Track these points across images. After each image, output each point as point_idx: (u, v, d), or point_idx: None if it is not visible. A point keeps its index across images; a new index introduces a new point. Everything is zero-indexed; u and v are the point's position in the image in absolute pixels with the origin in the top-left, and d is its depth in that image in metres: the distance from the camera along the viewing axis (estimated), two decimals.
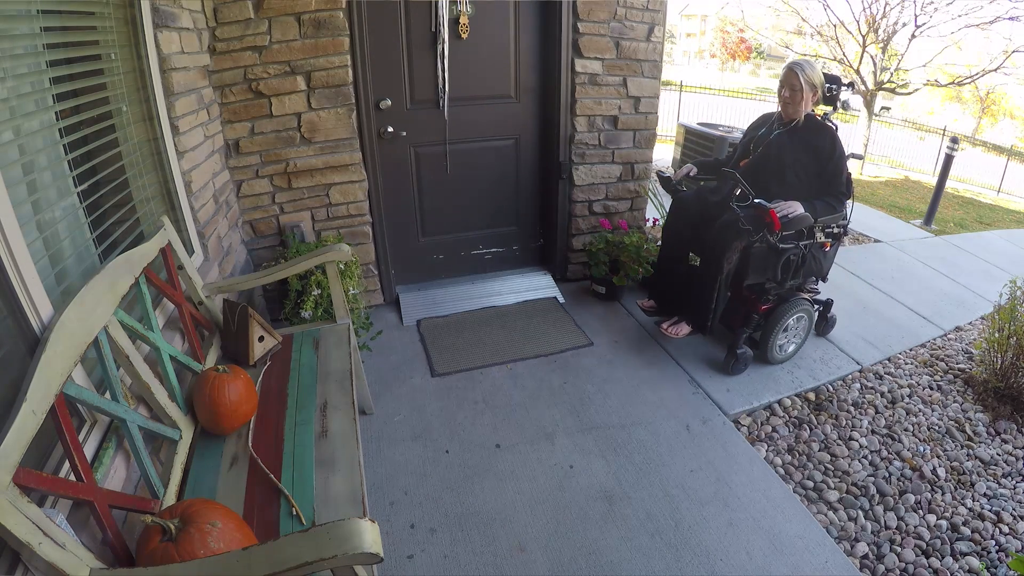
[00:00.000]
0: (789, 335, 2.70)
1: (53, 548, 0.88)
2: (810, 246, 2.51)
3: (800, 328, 2.73)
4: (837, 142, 2.44)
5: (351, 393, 1.63)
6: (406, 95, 2.83)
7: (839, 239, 2.64)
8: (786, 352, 2.73)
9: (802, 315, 2.67)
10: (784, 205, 2.33)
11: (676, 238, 2.72)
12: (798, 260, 2.50)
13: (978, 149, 15.86)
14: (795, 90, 2.43)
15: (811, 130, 2.47)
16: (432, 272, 3.27)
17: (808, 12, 10.29)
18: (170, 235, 1.70)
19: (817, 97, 2.47)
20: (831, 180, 2.47)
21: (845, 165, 2.48)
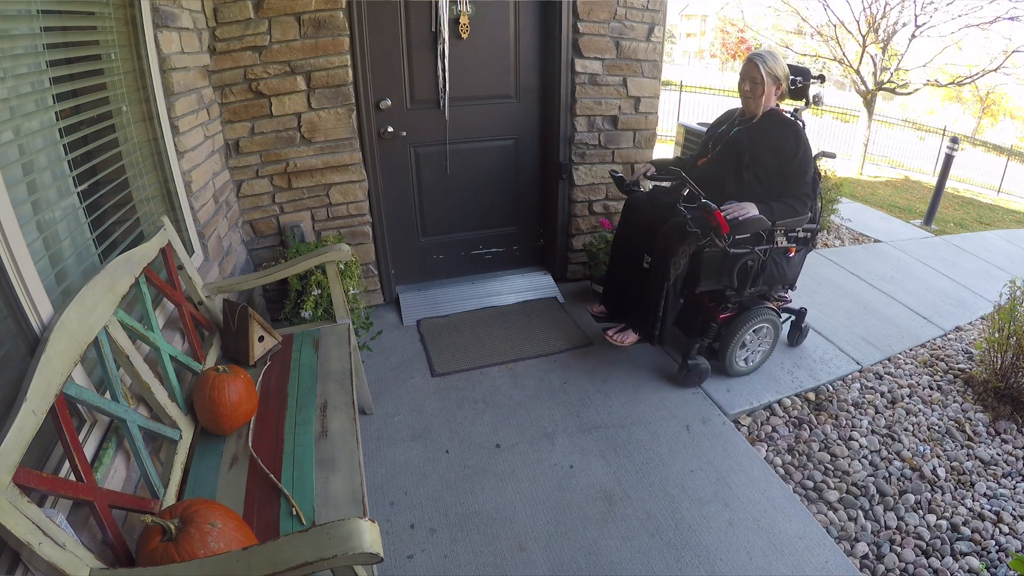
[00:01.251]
0: (752, 346, 2.55)
1: (53, 548, 0.88)
2: (770, 251, 2.34)
3: (764, 339, 2.57)
4: (801, 139, 2.27)
5: (351, 393, 1.63)
6: (406, 95, 2.83)
7: (807, 244, 2.50)
8: (749, 364, 2.59)
9: (766, 325, 2.51)
10: (735, 207, 2.17)
11: (626, 241, 2.59)
12: (757, 266, 2.34)
13: (978, 149, 15.86)
14: (756, 83, 2.28)
15: (773, 126, 2.31)
16: (432, 272, 3.27)
17: (808, 12, 10.29)
18: (170, 235, 1.70)
19: (781, 91, 2.32)
20: (793, 180, 2.29)
21: (810, 164, 2.31)
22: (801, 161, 2.27)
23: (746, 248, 2.28)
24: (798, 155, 2.27)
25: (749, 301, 2.47)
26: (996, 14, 9.02)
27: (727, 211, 2.15)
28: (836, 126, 13.91)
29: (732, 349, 2.47)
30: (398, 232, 3.08)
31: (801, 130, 2.30)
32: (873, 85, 9.55)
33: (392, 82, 2.77)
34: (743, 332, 2.44)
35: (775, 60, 2.28)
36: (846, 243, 4.78)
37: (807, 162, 2.29)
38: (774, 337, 2.59)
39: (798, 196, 2.29)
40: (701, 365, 2.48)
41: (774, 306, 2.54)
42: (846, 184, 6.49)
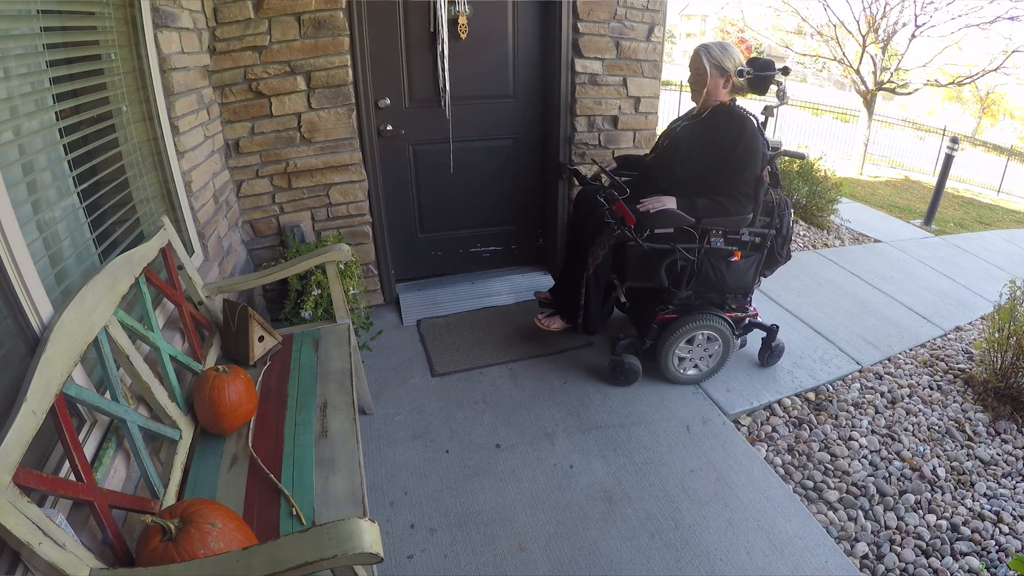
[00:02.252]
0: (694, 354, 2.42)
1: (53, 548, 0.88)
2: (705, 252, 2.22)
3: (709, 349, 2.43)
4: (745, 135, 2.12)
5: (351, 393, 1.63)
6: (405, 94, 2.85)
7: (759, 250, 2.30)
8: (691, 373, 2.47)
9: (711, 334, 2.37)
10: (651, 200, 2.11)
11: (571, 232, 2.63)
12: (690, 267, 2.23)
13: (978, 149, 15.87)
14: (699, 74, 2.20)
15: (717, 120, 2.20)
16: (431, 267, 3.29)
17: (808, 12, 10.30)
18: (170, 235, 1.70)
19: (731, 83, 2.20)
20: (730, 177, 2.14)
21: (751, 162, 2.14)
22: (740, 157, 2.13)
23: (665, 244, 2.18)
24: (737, 151, 2.13)
25: (695, 306, 2.36)
26: (996, 14, 9.04)
27: (642, 204, 2.12)
28: (836, 126, 13.92)
29: (667, 352, 2.38)
30: (398, 227, 3.10)
31: (748, 126, 2.15)
32: (873, 85, 9.56)
33: (391, 81, 2.79)
34: (679, 336, 2.34)
35: (723, 50, 2.18)
36: (846, 243, 4.78)
37: (748, 159, 2.13)
38: (724, 348, 2.43)
39: (732, 194, 2.14)
40: (627, 363, 2.42)
41: (728, 316, 2.39)
42: (846, 184, 6.50)
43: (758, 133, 2.16)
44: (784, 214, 2.30)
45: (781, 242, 2.35)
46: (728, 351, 2.44)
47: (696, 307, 2.36)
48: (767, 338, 2.62)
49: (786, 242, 2.37)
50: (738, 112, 2.19)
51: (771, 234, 2.28)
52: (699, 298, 2.38)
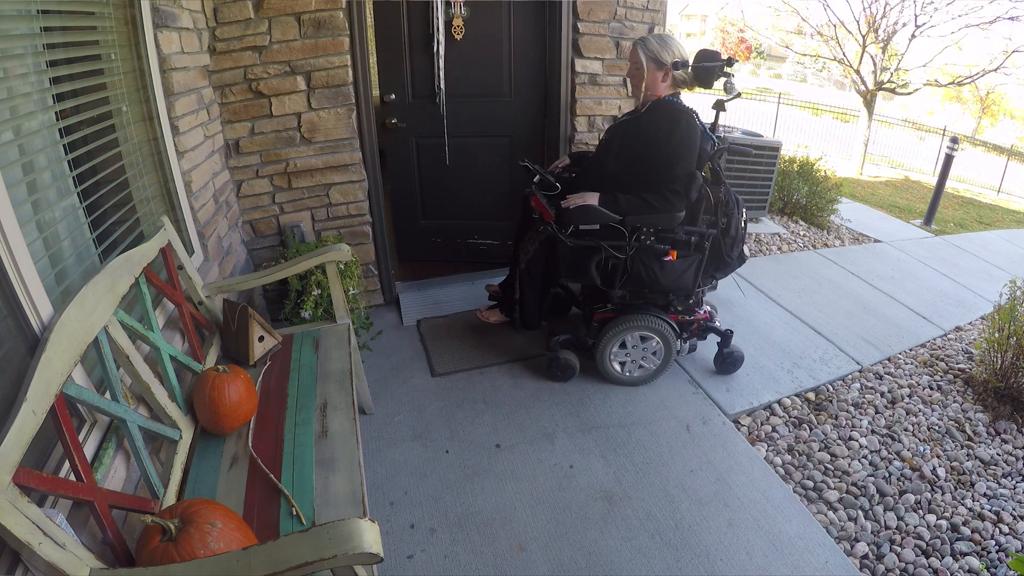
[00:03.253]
0: (633, 355, 2.38)
1: (53, 548, 0.88)
2: (638, 251, 2.15)
3: (648, 351, 2.37)
4: (678, 129, 2.05)
5: (351, 393, 1.63)
6: (408, 90, 2.99)
7: (699, 250, 2.20)
8: (629, 374, 2.43)
9: (650, 336, 2.32)
10: (574, 196, 2.09)
11: (517, 228, 2.64)
12: (621, 266, 2.17)
13: (978, 149, 15.87)
14: (636, 68, 2.14)
15: (653, 114, 2.13)
16: (433, 252, 3.44)
17: (808, 12, 10.32)
18: (170, 235, 1.70)
19: (670, 76, 2.13)
20: (659, 173, 2.07)
21: (683, 158, 2.07)
22: (671, 153, 2.06)
23: (590, 241, 2.15)
24: (668, 145, 2.06)
25: (634, 306, 2.31)
26: (996, 14, 9.05)
27: (565, 201, 2.11)
28: (836, 126, 13.93)
29: (603, 351, 2.36)
30: (401, 212, 3.32)
31: (683, 120, 2.08)
32: (873, 85, 9.56)
33: (396, 78, 2.96)
34: (615, 334, 2.31)
35: (661, 43, 2.10)
36: (846, 243, 4.78)
37: (679, 155, 2.06)
38: (665, 352, 2.37)
39: (660, 191, 2.07)
40: (561, 359, 2.41)
41: (672, 318, 2.34)
42: (846, 184, 6.50)
43: (695, 128, 2.09)
44: (732, 213, 2.21)
45: (730, 243, 2.24)
46: (670, 353, 2.37)
47: (636, 307, 2.31)
48: (721, 343, 2.52)
49: (736, 243, 2.26)
50: (673, 106, 2.12)
51: (710, 233, 2.17)
52: (640, 298, 2.33)
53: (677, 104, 2.14)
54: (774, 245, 4.40)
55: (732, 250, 2.27)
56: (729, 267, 2.33)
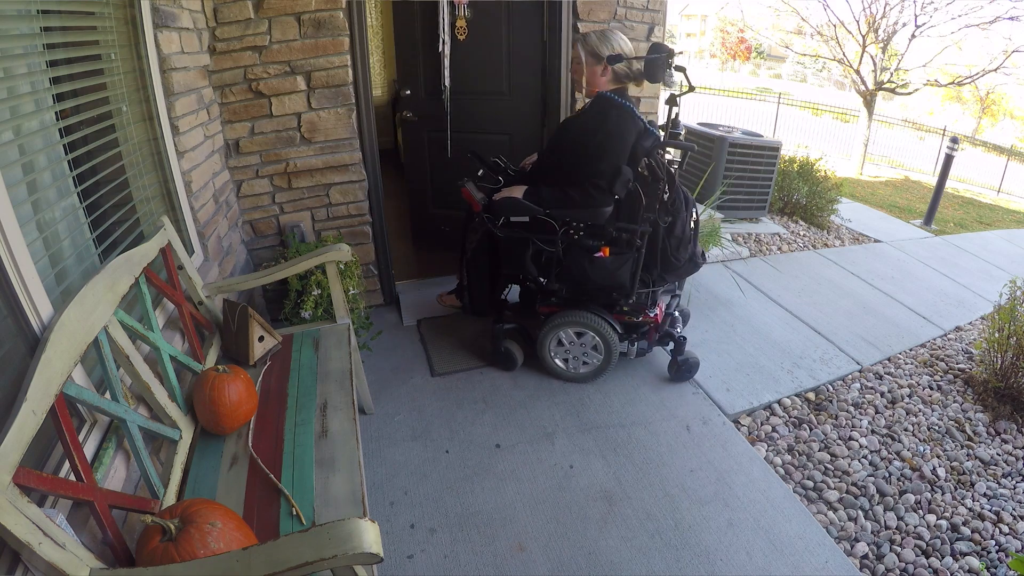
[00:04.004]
0: (573, 351, 2.39)
1: (53, 548, 0.88)
2: (568, 245, 2.16)
3: (587, 347, 2.37)
4: (607, 123, 2.04)
5: (351, 393, 1.63)
6: (421, 87, 3.14)
7: (631, 248, 2.16)
8: (571, 370, 2.44)
9: (585, 332, 2.32)
10: (506, 189, 2.15)
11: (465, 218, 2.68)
12: (555, 259, 2.18)
13: (978, 149, 15.87)
14: (577, 63, 2.13)
15: (589, 108, 2.13)
16: (440, 240, 3.51)
17: (808, 12, 10.32)
18: (170, 235, 1.70)
19: (609, 71, 2.09)
20: (583, 167, 2.06)
21: (610, 152, 2.03)
22: (597, 147, 2.04)
23: (520, 233, 2.18)
24: (595, 139, 2.05)
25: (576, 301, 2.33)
26: (996, 14, 9.05)
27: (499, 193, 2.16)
28: (836, 126, 13.93)
29: (543, 344, 2.40)
30: (416, 198, 3.51)
31: (613, 114, 2.06)
32: (873, 85, 9.56)
33: (411, 74, 3.14)
34: (553, 330, 2.34)
35: (601, 38, 2.08)
36: (846, 243, 4.78)
37: (605, 149, 2.04)
38: (606, 352, 2.35)
39: (583, 185, 2.06)
40: (502, 348, 2.47)
41: (616, 318, 2.32)
42: (846, 184, 6.50)
43: (625, 123, 2.06)
44: (679, 212, 2.14)
45: (675, 244, 2.17)
46: (610, 351, 2.35)
47: (578, 303, 2.32)
48: (674, 350, 2.47)
49: (683, 245, 2.18)
50: (606, 100, 2.10)
51: (644, 231, 2.13)
52: (584, 294, 2.32)
53: (611, 98, 2.11)
54: (774, 245, 4.40)
55: (679, 251, 2.19)
56: (677, 270, 2.25)
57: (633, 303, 2.33)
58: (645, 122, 2.12)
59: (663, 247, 2.18)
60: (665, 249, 2.19)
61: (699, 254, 2.29)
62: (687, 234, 2.17)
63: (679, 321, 2.59)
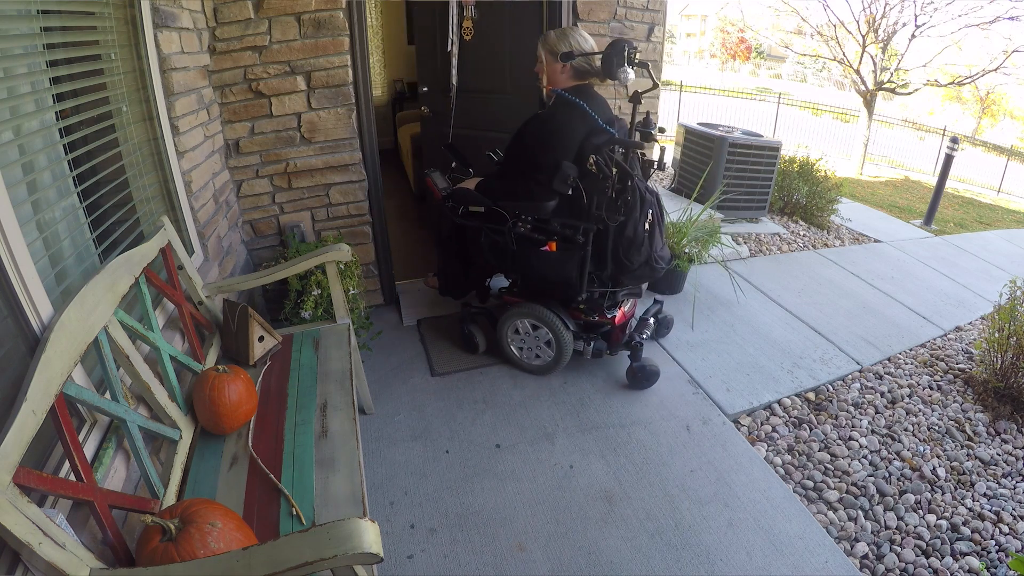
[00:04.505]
0: (528, 342, 2.45)
1: (53, 548, 0.88)
2: (519, 237, 2.21)
3: (540, 341, 2.41)
4: (552, 119, 2.08)
5: (351, 393, 1.63)
6: (437, 84, 3.32)
7: (579, 247, 2.15)
8: (528, 361, 2.50)
9: (540, 326, 2.36)
10: (467, 181, 2.30)
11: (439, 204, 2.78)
12: (507, 249, 2.25)
13: (978, 149, 15.87)
14: (539, 61, 2.17)
15: (549, 106, 2.18)
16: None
17: (808, 12, 10.32)
18: (170, 235, 1.70)
19: (568, 68, 2.12)
20: (528, 161, 2.12)
21: (552, 147, 2.07)
22: (541, 142, 2.09)
23: (475, 222, 2.31)
24: (540, 133, 2.09)
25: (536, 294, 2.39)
26: (996, 14, 9.05)
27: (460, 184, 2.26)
28: (836, 126, 13.93)
29: (501, 330, 2.50)
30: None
31: (562, 110, 2.09)
32: (873, 85, 9.56)
33: (429, 72, 3.35)
34: (510, 318, 2.44)
35: (560, 36, 2.11)
36: (846, 243, 4.78)
37: (548, 143, 2.08)
38: (557, 348, 2.38)
39: (526, 178, 2.12)
40: (465, 330, 2.62)
41: (574, 315, 2.35)
42: (846, 184, 6.50)
43: (572, 119, 2.07)
44: (631, 213, 2.06)
45: (627, 245, 2.10)
46: (562, 348, 2.37)
47: (537, 296, 2.38)
48: (631, 355, 2.44)
49: (634, 246, 2.10)
50: (559, 97, 2.13)
51: (586, 228, 2.11)
52: (539, 287, 2.39)
53: (563, 96, 2.13)
54: (774, 245, 4.40)
55: (631, 253, 2.11)
56: (631, 272, 2.18)
57: (587, 301, 2.31)
58: (599, 120, 2.08)
59: (614, 248, 2.13)
60: (617, 250, 2.14)
61: (659, 258, 2.18)
62: (639, 236, 2.09)
63: (648, 326, 2.58)
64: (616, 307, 2.38)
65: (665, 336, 2.82)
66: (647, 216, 2.08)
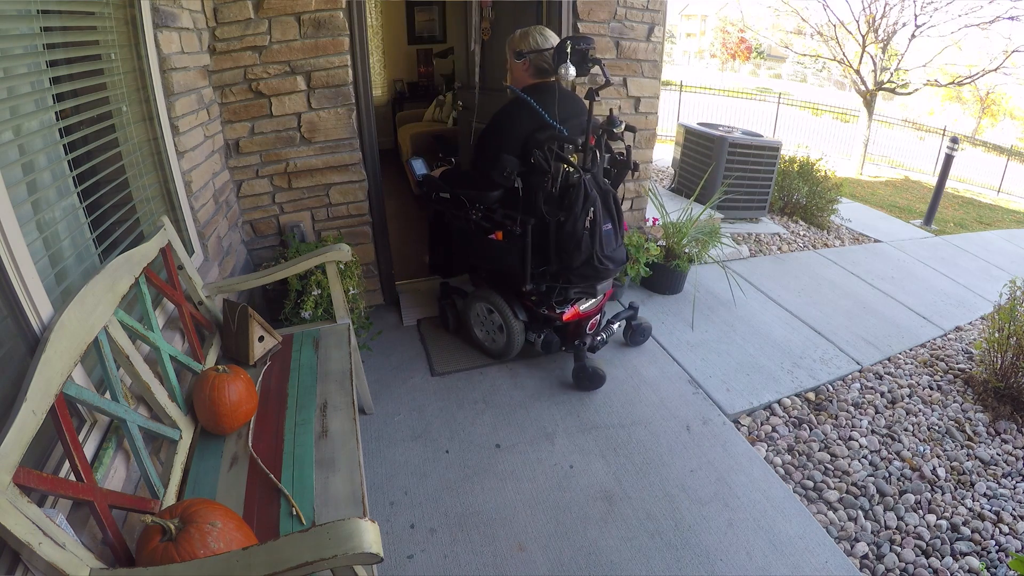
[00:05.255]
0: (486, 325, 2.59)
1: (53, 548, 0.88)
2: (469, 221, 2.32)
3: (494, 328, 2.52)
4: (499, 113, 2.17)
5: (351, 393, 1.63)
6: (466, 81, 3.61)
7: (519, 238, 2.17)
8: (487, 344, 2.63)
9: (493, 311, 2.49)
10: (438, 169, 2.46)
11: None
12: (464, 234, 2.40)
13: (978, 149, 15.87)
14: (506, 61, 2.29)
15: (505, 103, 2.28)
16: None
17: (808, 12, 10.31)
18: (170, 235, 1.70)
19: (530, 65, 2.19)
20: (475, 154, 2.23)
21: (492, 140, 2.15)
22: (485, 134, 2.19)
23: (440, 207, 2.44)
24: (488, 127, 2.19)
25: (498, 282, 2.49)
26: (996, 14, 9.05)
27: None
28: (836, 126, 13.93)
29: (466, 312, 2.66)
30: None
31: (508, 106, 2.17)
32: (873, 85, 9.56)
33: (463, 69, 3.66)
34: (473, 302, 2.58)
35: (522, 36, 2.19)
36: (846, 243, 4.78)
37: (490, 135, 2.17)
38: (507, 334, 2.47)
39: (474, 168, 2.25)
40: (441, 304, 2.81)
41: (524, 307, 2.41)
42: (846, 184, 6.50)
43: (516, 114, 2.13)
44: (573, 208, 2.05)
45: (565, 241, 2.09)
46: (511, 335, 2.46)
47: (497, 283, 2.50)
48: (575, 355, 2.45)
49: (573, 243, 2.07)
50: (512, 93, 2.20)
51: (524, 220, 2.14)
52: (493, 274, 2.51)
53: (515, 92, 2.19)
54: (774, 245, 4.40)
55: (571, 250, 2.09)
56: (574, 270, 2.14)
57: (537, 294, 2.35)
58: (546, 116, 2.10)
59: (556, 244, 2.13)
60: (559, 246, 2.13)
61: (606, 258, 2.13)
62: (577, 233, 2.06)
63: (611, 330, 2.59)
64: (568, 303, 2.38)
65: (641, 344, 2.78)
66: (587, 214, 2.06)
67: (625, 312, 2.72)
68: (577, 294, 2.34)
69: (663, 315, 3.07)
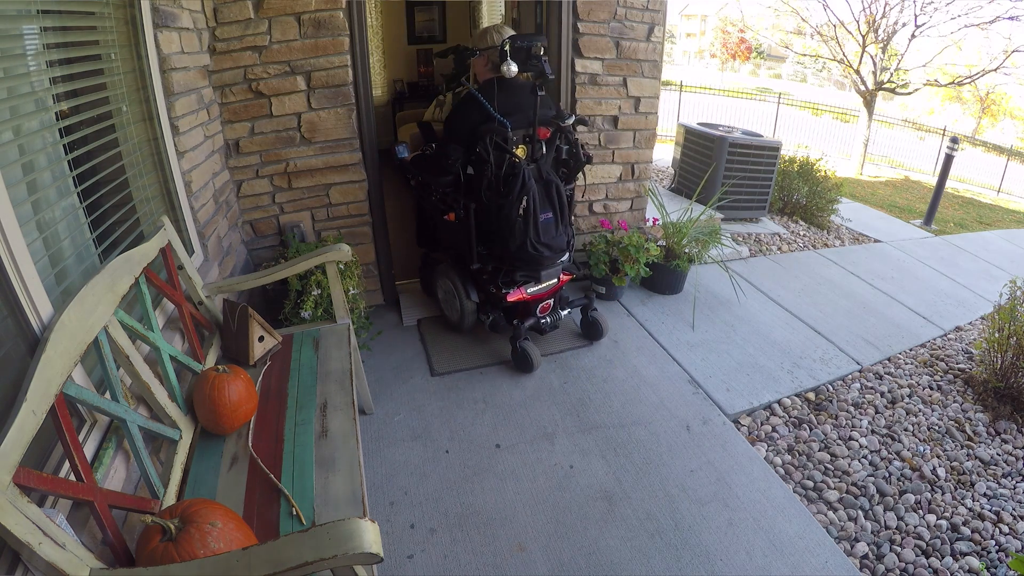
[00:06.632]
0: (447, 299, 2.77)
1: (53, 548, 0.88)
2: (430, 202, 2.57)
3: (449, 297, 2.74)
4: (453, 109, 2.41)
5: (351, 393, 1.63)
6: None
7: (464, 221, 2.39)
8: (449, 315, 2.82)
9: (448, 285, 2.69)
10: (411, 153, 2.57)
11: None
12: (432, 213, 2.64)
13: (978, 149, 15.87)
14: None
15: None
16: None
17: (808, 12, 10.31)
18: (170, 235, 1.70)
19: (488, 62, 2.39)
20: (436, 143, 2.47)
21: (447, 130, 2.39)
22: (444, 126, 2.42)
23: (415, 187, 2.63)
24: (445, 120, 2.43)
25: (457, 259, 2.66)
26: (996, 14, 9.06)
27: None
28: (836, 126, 13.93)
29: (434, 284, 2.85)
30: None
31: (460, 101, 2.38)
32: (873, 85, 9.56)
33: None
34: (439, 277, 2.76)
35: (482, 33, 2.38)
36: (846, 243, 4.78)
37: (446, 129, 2.40)
38: (458, 307, 2.66)
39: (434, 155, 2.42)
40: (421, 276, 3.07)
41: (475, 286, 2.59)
42: (846, 184, 6.50)
43: (467, 108, 2.30)
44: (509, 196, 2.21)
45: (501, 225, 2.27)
46: (463, 311, 2.64)
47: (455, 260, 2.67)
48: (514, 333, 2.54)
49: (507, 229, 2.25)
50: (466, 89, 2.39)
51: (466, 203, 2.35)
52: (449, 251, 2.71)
53: (468, 88, 2.38)
54: (774, 245, 4.41)
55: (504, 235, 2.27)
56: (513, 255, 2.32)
57: (484, 272, 2.53)
58: (491, 110, 2.25)
59: (497, 227, 2.31)
60: (497, 229, 2.31)
61: (542, 245, 2.29)
62: (511, 219, 2.23)
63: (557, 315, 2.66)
64: (513, 285, 2.50)
65: (597, 339, 2.77)
66: (521, 202, 2.23)
67: (579, 301, 2.75)
68: (523, 277, 2.48)
69: (663, 315, 3.07)
